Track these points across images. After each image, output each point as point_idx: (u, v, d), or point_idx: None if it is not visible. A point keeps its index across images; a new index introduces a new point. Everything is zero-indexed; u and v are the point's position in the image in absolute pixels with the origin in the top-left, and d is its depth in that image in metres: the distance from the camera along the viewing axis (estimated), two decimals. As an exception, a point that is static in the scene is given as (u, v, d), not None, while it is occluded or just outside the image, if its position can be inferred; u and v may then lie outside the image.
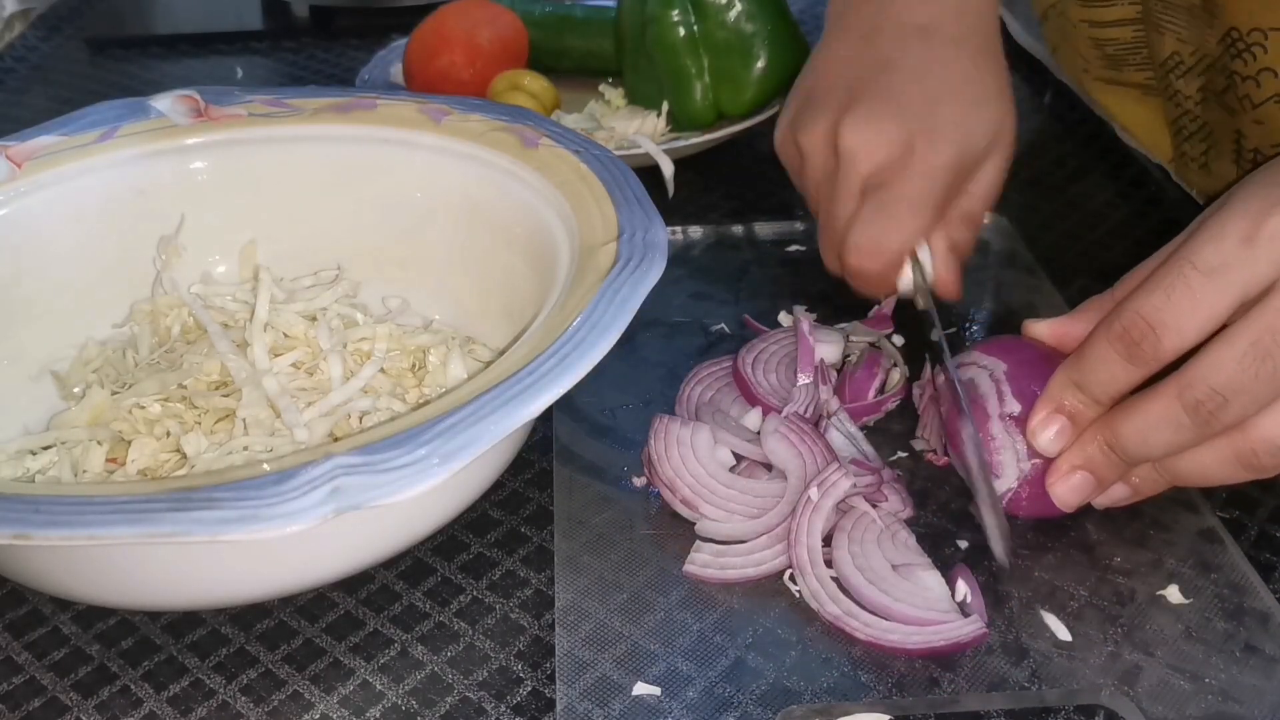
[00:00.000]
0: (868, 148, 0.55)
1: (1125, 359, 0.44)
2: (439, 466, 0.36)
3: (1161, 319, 0.43)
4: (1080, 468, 0.46)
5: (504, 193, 0.53)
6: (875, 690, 0.42)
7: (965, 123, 0.56)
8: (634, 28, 0.78)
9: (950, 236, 0.57)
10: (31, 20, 1.07)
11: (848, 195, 0.57)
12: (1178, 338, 0.43)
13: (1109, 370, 0.44)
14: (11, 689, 0.44)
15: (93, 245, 0.56)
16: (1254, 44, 0.59)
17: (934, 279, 0.57)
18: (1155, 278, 0.44)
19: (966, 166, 0.57)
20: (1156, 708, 0.41)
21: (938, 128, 0.55)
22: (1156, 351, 0.43)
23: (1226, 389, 0.42)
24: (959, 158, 0.56)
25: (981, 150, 0.57)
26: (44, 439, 0.50)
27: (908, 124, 0.55)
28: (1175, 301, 0.43)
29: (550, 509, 0.50)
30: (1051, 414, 0.46)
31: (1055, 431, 0.46)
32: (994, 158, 0.58)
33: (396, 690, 0.43)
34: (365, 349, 0.53)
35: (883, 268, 0.56)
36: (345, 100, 0.58)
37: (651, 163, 0.72)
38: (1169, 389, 0.43)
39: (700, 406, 0.54)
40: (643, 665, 0.43)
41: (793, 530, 0.45)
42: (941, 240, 0.57)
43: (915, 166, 0.55)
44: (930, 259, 0.57)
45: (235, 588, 0.43)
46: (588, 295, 0.43)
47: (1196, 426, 0.43)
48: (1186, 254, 0.43)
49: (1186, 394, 0.43)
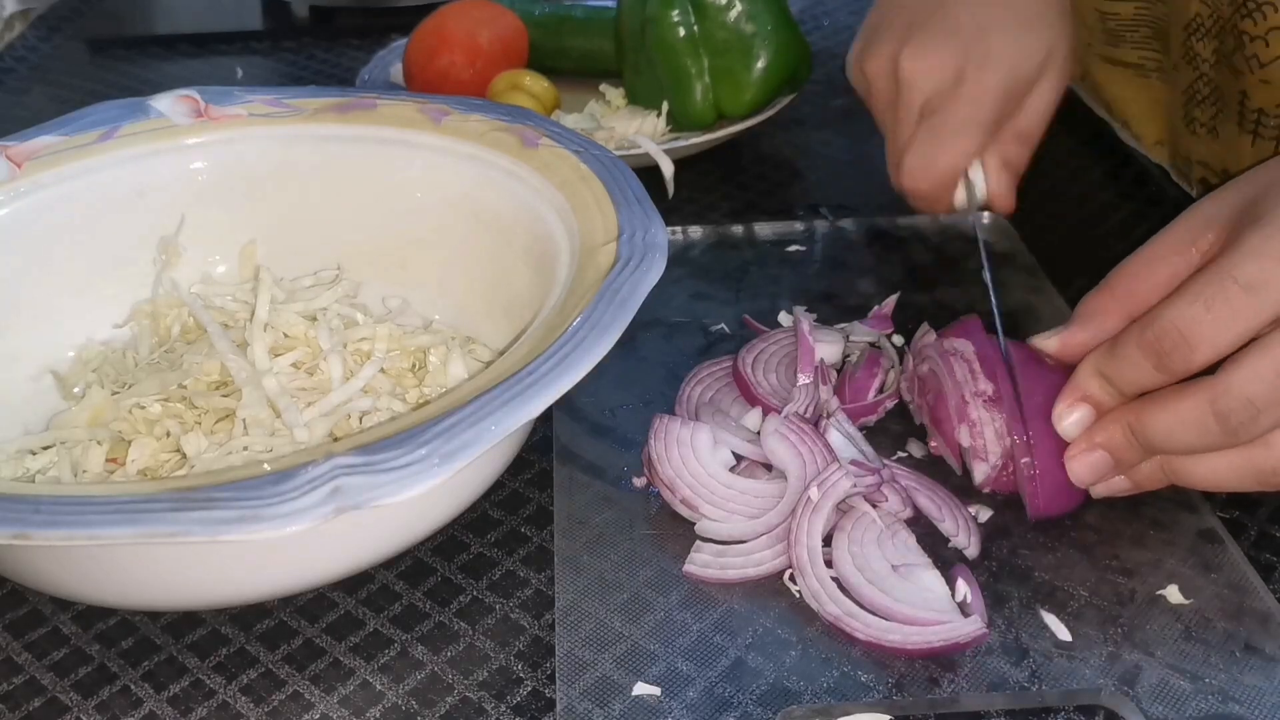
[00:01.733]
0: (923, 75, 0.62)
1: (1156, 367, 0.44)
2: (439, 466, 0.36)
3: (1199, 332, 0.43)
4: (1102, 446, 0.46)
5: (504, 193, 0.53)
6: (875, 690, 0.42)
7: (1015, 47, 0.62)
8: (634, 28, 0.78)
9: (1003, 154, 0.63)
10: (31, 20, 1.07)
11: (906, 120, 0.63)
12: (1211, 350, 0.43)
13: (1136, 372, 0.45)
14: (11, 689, 0.44)
15: (93, 245, 0.56)
16: (1264, 3, 0.59)
17: (988, 194, 0.63)
18: (1193, 288, 0.43)
19: (1017, 88, 0.62)
20: (1156, 708, 0.41)
21: (988, 54, 0.61)
22: (1188, 363, 0.43)
23: (1260, 400, 0.42)
24: (1007, 81, 0.61)
25: (1033, 72, 0.62)
26: (44, 439, 0.50)
27: (960, 51, 0.61)
28: (1214, 315, 0.43)
29: (550, 509, 0.50)
30: (1077, 401, 0.46)
31: (1079, 417, 0.46)
32: (1046, 78, 0.63)
33: (396, 690, 0.43)
34: (365, 349, 0.53)
35: (934, 187, 0.63)
36: (345, 100, 0.58)
37: (651, 163, 0.71)
38: (1202, 393, 0.43)
39: (700, 406, 0.54)
40: (643, 665, 0.43)
41: (792, 530, 0.45)
42: (994, 157, 0.63)
43: (964, 91, 0.61)
44: (983, 177, 0.63)
45: (235, 588, 0.43)
46: (588, 295, 0.43)
47: (1224, 434, 0.43)
48: (1228, 268, 0.43)
49: (1220, 402, 0.43)
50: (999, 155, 0.63)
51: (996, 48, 0.61)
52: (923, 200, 0.64)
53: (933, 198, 0.63)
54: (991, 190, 0.64)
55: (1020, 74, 0.62)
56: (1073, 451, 0.46)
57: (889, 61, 0.63)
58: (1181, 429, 0.44)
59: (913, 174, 0.63)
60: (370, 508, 0.35)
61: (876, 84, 0.65)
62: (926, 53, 0.62)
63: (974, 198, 0.63)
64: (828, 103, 0.86)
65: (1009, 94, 0.62)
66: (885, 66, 0.64)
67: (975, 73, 0.61)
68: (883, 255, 0.66)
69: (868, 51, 0.65)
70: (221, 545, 0.39)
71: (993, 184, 0.63)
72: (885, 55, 0.63)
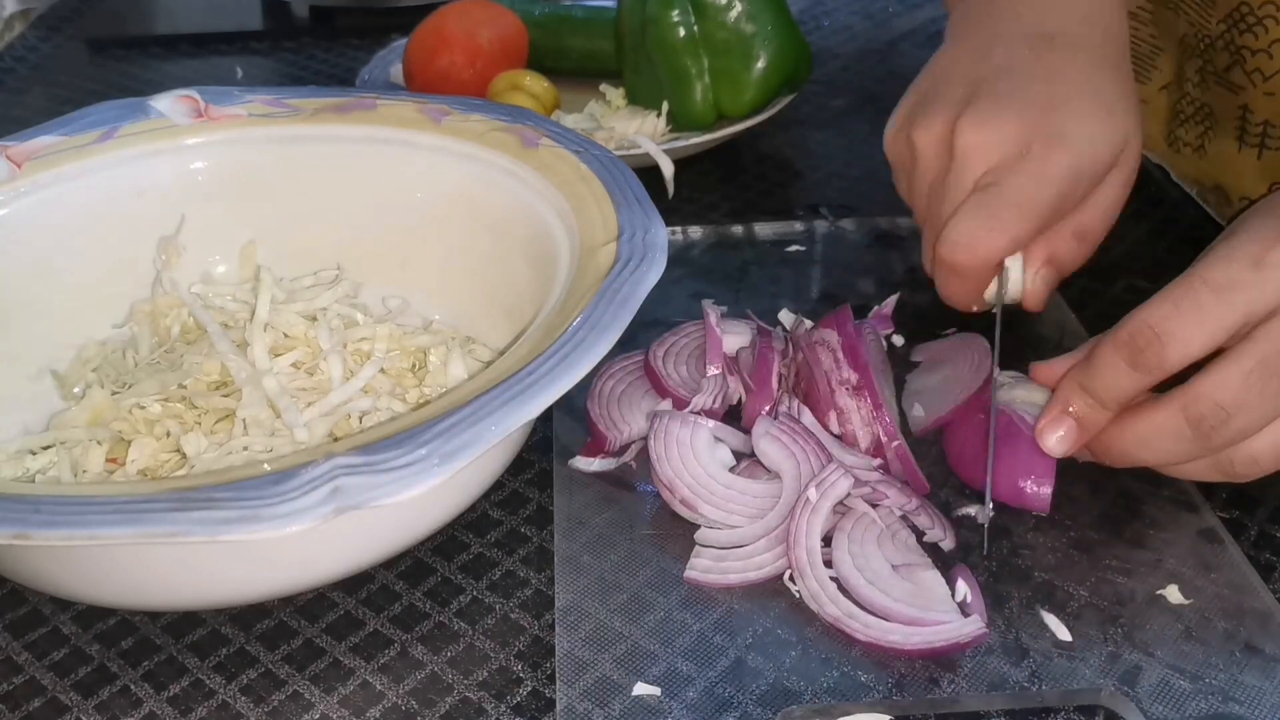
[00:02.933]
0: (984, 147, 0.53)
1: (1130, 365, 0.45)
2: (439, 466, 0.36)
3: (1168, 328, 0.44)
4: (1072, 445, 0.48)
5: (504, 193, 0.53)
6: (875, 690, 0.42)
7: (1088, 130, 0.53)
8: (634, 28, 0.78)
9: (1053, 249, 0.55)
10: (31, 20, 1.07)
11: (959, 194, 0.54)
12: (1182, 348, 0.44)
13: (1114, 376, 0.45)
14: (11, 689, 0.44)
15: (93, 245, 0.56)
16: (1265, 17, 0.59)
17: (1023, 290, 0.55)
18: (1164, 291, 0.45)
19: (1085, 177, 0.54)
20: (1156, 708, 0.41)
21: (1059, 132, 0.53)
22: (1161, 360, 0.44)
23: (1230, 404, 0.43)
24: (1076, 166, 0.53)
25: (1106, 161, 0.54)
26: (44, 439, 0.50)
27: (1029, 125, 0.53)
28: (1183, 312, 0.44)
29: (550, 509, 0.50)
30: (1059, 416, 0.47)
31: (1062, 434, 0.47)
32: (1118, 171, 0.55)
33: (396, 690, 0.43)
34: (365, 349, 0.53)
35: (973, 266, 0.53)
36: (345, 100, 0.58)
37: (651, 163, 0.71)
38: (1173, 401, 0.45)
39: (612, 401, 0.54)
40: (643, 665, 0.43)
41: (792, 532, 0.45)
42: (1041, 252, 0.55)
43: (1028, 168, 0.52)
44: (1021, 272, 0.55)
45: (235, 588, 0.43)
46: (588, 295, 0.43)
47: (1197, 440, 0.44)
48: (1198, 270, 0.44)
49: (1191, 408, 0.44)
50: (1046, 249, 0.55)
51: (1071, 127, 0.53)
52: (956, 280, 0.55)
53: (969, 278, 0.54)
54: (1029, 288, 0.55)
55: (1092, 161, 0.53)
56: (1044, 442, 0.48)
57: (944, 130, 0.55)
58: (1157, 438, 0.45)
59: (953, 246, 0.53)
60: (370, 508, 0.35)
61: (925, 156, 0.56)
62: (990, 122, 0.53)
63: (1004, 291, 0.54)
64: (828, 103, 0.86)
65: (1077, 180, 0.53)
66: (939, 136, 0.55)
67: (1043, 149, 0.52)
68: (883, 255, 0.66)
69: (917, 118, 0.56)
70: (221, 545, 0.39)
71: (1030, 281, 0.55)
72: (940, 123, 0.55)
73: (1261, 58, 0.60)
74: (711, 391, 0.53)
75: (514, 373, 0.40)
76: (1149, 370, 0.45)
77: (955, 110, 0.54)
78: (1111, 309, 0.62)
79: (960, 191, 0.54)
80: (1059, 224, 0.55)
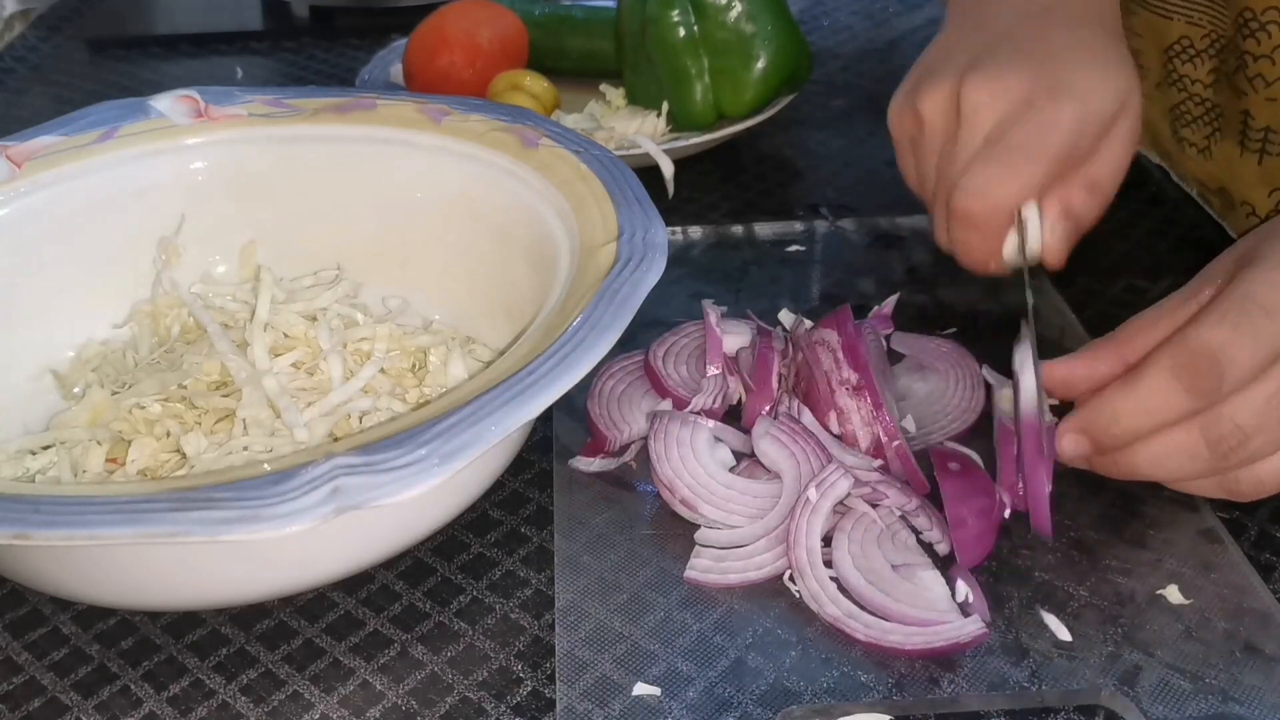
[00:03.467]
0: (991, 103, 0.55)
1: (1188, 389, 0.44)
2: (439, 466, 0.36)
3: (1230, 354, 0.43)
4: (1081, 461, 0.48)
5: (504, 193, 0.53)
6: (875, 690, 0.42)
7: (1092, 80, 0.55)
8: (634, 28, 0.78)
9: (1068, 200, 0.56)
10: (31, 20, 1.07)
11: (969, 151, 0.55)
12: (1239, 373, 0.43)
13: (1166, 398, 0.44)
14: (11, 689, 0.44)
15: (93, 245, 0.56)
16: (1269, 22, 0.59)
17: (1041, 244, 0.56)
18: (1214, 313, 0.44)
19: (1091, 124, 0.55)
20: (1156, 708, 0.41)
21: (1062, 83, 0.54)
22: (1218, 385, 0.43)
23: (1251, 427, 0.43)
24: (1082, 113, 0.54)
25: (1109, 111, 0.55)
26: (44, 439, 0.50)
27: (1030, 78, 0.54)
28: (1241, 336, 0.43)
29: (550, 509, 0.50)
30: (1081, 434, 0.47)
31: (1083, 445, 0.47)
32: (1122, 123, 0.56)
33: (396, 690, 0.43)
34: (365, 349, 0.53)
35: (989, 214, 0.55)
36: (345, 100, 0.58)
37: (651, 163, 0.72)
38: (1193, 421, 0.44)
39: (612, 401, 0.54)
40: (643, 665, 0.43)
41: (791, 532, 0.45)
42: (1055, 204, 0.56)
43: (1035, 118, 0.54)
44: (1039, 223, 0.55)
45: (235, 588, 0.43)
46: (588, 295, 0.43)
47: (1213, 460, 0.44)
48: (1246, 292, 0.44)
49: (1212, 429, 0.44)
50: (1061, 201, 0.56)
51: (1072, 77, 0.54)
52: (975, 235, 0.56)
53: (986, 230, 0.55)
54: (1047, 240, 0.56)
55: (1096, 110, 0.55)
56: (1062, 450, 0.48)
57: (950, 92, 0.56)
58: (1173, 457, 0.45)
59: (969, 195, 0.54)
60: (370, 508, 0.35)
61: (932, 121, 0.57)
62: (994, 79, 0.55)
63: (1026, 243, 0.55)
64: (828, 103, 0.86)
65: (1082, 129, 0.54)
66: (944, 99, 0.56)
67: (1047, 100, 0.54)
68: (883, 255, 0.66)
69: (922, 88, 0.57)
70: (221, 545, 0.39)
71: (1048, 233, 0.56)
72: (945, 88, 0.56)
73: (1263, 63, 0.60)
74: (711, 391, 0.53)
75: (514, 373, 0.40)
76: (1204, 395, 0.44)
77: (958, 75, 0.56)
78: (1111, 309, 0.62)
79: (970, 148, 0.55)
80: (1070, 176, 0.56)
